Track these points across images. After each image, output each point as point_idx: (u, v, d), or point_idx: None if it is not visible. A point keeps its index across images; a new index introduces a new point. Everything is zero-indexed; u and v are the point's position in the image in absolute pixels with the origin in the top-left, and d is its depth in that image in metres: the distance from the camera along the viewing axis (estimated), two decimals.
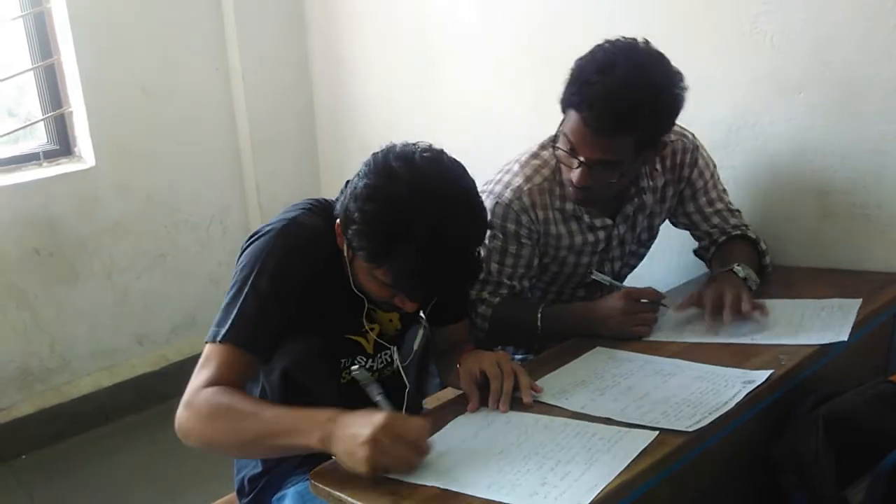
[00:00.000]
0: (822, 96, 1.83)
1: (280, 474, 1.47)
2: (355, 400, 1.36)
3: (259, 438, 1.23)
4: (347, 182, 1.35)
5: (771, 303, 1.66)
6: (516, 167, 1.73)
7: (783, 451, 1.39)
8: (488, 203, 1.67)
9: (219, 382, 1.28)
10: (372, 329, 1.45)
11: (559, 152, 1.60)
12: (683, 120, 1.64)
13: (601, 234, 1.76)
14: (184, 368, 3.13)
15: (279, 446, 1.24)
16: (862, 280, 1.77)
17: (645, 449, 1.19)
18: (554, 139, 1.63)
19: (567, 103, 1.55)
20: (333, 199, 1.41)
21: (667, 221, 1.90)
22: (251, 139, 3.23)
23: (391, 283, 1.27)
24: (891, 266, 1.81)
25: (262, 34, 3.14)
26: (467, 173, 1.31)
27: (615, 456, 1.18)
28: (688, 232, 1.91)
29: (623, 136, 1.50)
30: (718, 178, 1.85)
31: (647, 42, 1.53)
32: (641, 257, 1.90)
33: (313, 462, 1.26)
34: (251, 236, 1.38)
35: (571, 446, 1.22)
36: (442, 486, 1.15)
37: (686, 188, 1.82)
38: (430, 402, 1.98)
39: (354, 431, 1.15)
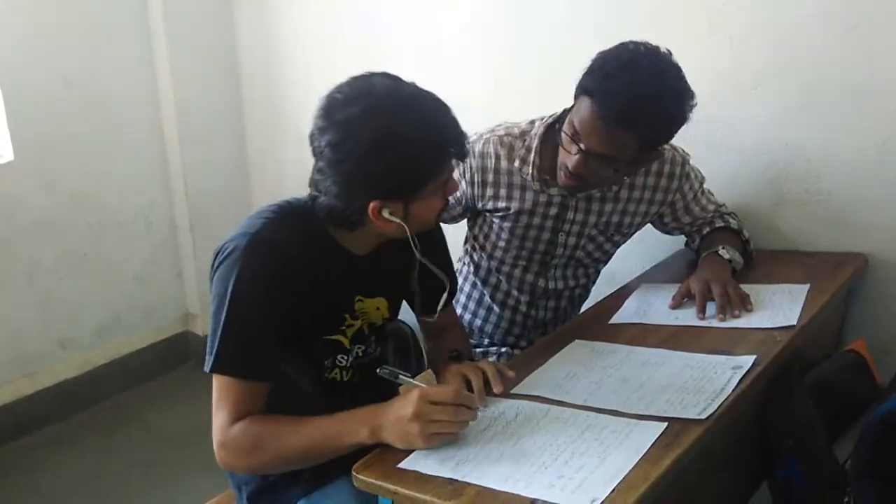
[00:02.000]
0: (779, 93, 1.91)
1: (286, 495, 1.45)
2: (340, 397, 1.39)
3: (306, 452, 1.28)
4: (318, 173, 1.29)
5: None
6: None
7: (778, 419, 1.50)
8: None
9: (240, 414, 1.29)
10: (352, 326, 1.43)
11: (562, 135, 1.62)
12: None
13: (555, 200, 1.78)
14: (109, 372, 3.08)
15: (327, 453, 1.28)
16: (817, 260, 1.88)
17: (656, 440, 1.21)
18: (559, 120, 1.65)
19: (582, 90, 1.56)
20: (299, 198, 1.38)
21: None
22: (178, 132, 3.11)
23: (454, 160, 1.31)
24: (841, 246, 1.92)
25: (190, 23, 3.03)
26: None
27: (628, 449, 1.19)
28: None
29: (628, 131, 1.52)
30: (707, 188, 1.91)
31: (669, 52, 1.57)
32: (605, 252, 1.90)
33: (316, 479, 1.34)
34: (217, 254, 1.32)
35: (584, 438, 1.23)
36: (460, 479, 1.15)
37: (679, 201, 1.85)
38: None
39: (399, 414, 1.22)
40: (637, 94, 1.48)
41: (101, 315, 3.13)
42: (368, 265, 1.41)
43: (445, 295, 1.47)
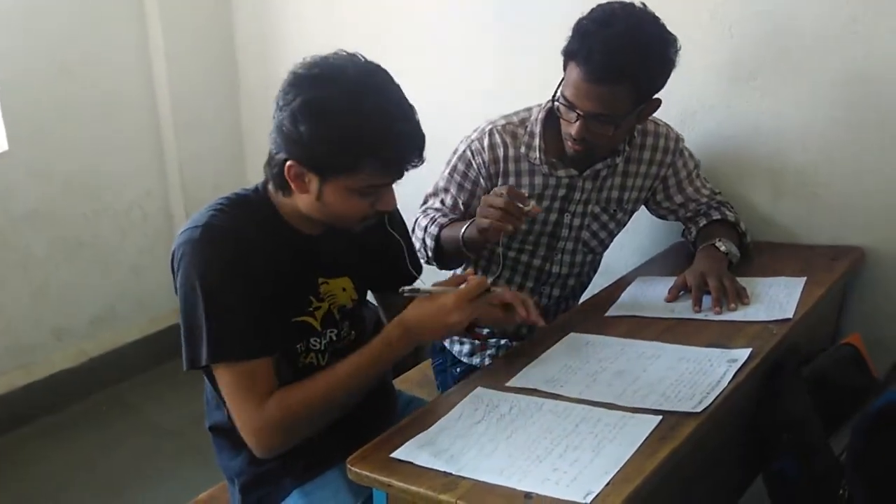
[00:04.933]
0: (777, 83, 1.90)
1: (279, 486, 1.45)
2: None
3: (351, 393, 1.33)
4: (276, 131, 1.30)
5: None
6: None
7: (774, 412, 1.50)
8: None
9: (264, 395, 1.29)
10: (319, 308, 1.43)
11: (559, 106, 1.65)
12: None
13: (564, 181, 1.80)
14: (105, 363, 3.07)
15: (371, 380, 1.35)
16: (814, 253, 1.88)
17: (650, 433, 1.20)
18: (554, 95, 1.68)
19: (567, 55, 1.60)
20: (243, 189, 1.40)
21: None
22: (174, 120, 3.09)
23: (379, 171, 1.28)
24: (838, 239, 1.92)
25: (186, 9, 3.01)
26: None
27: (622, 442, 1.19)
28: (662, 220, 2.00)
29: (619, 85, 1.55)
30: (702, 174, 1.92)
31: (644, 4, 1.60)
32: (609, 232, 1.91)
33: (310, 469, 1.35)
34: (173, 255, 1.31)
35: (578, 432, 1.22)
36: (454, 472, 1.14)
37: (671, 177, 1.88)
38: (405, 384, 1.98)
39: (435, 306, 1.31)
40: (617, 47, 1.52)
41: (97, 305, 3.12)
42: (324, 245, 1.42)
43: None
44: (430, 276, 2.00)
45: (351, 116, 1.22)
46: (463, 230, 1.66)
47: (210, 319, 1.26)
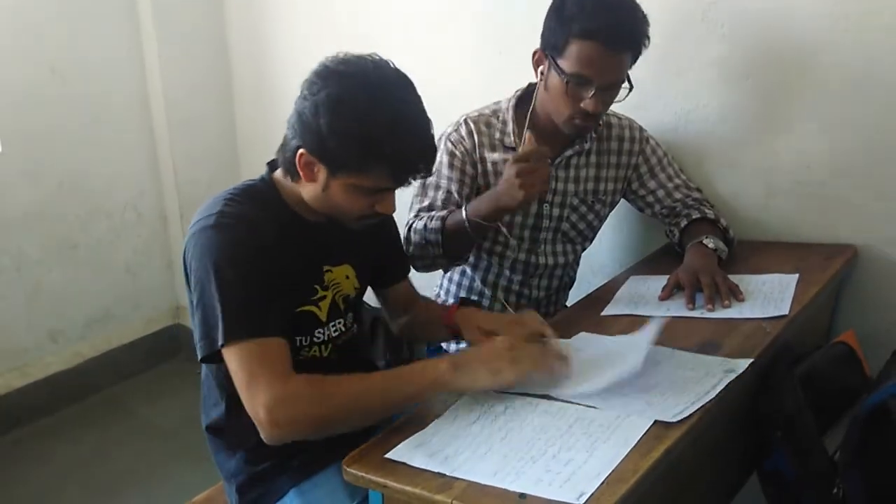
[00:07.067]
0: (769, 82, 1.91)
1: (276, 486, 1.45)
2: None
3: (382, 394, 1.28)
4: (295, 115, 1.33)
5: None
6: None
7: (768, 410, 1.50)
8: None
9: (286, 372, 1.25)
10: (324, 298, 1.44)
11: (570, 88, 1.67)
12: (637, 104, 1.74)
13: None
14: (100, 365, 3.07)
15: (402, 395, 1.29)
16: (807, 251, 1.88)
17: (644, 433, 1.20)
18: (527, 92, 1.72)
19: (573, 35, 1.62)
20: (249, 180, 1.43)
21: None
22: (167, 120, 3.09)
23: (385, 176, 1.31)
24: (831, 238, 1.92)
25: (178, 9, 3.01)
26: None
27: (616, 443, 1.18)
28: (642, 213, 2.00)
29: (630, 51, 1.66)
30: (672, 159, 1.95)
31: None
32: (589, 224, 1.93)
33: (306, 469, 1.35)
34: (187, 246, 1.33)
35: (572, 432, 1.22)
36: (448, 473, 1.14)
37: (642, 164, 1.92)
38: None
39: (490, 347, 1.33)
40: (629, 17, 1.63)
41: (91, 307, 3.12)
42: (327, 233, 1.43)
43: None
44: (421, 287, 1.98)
45: (368, 119, 1.25)
46: (465, 215, 1.67)
47: (224, 299, 1.25)
